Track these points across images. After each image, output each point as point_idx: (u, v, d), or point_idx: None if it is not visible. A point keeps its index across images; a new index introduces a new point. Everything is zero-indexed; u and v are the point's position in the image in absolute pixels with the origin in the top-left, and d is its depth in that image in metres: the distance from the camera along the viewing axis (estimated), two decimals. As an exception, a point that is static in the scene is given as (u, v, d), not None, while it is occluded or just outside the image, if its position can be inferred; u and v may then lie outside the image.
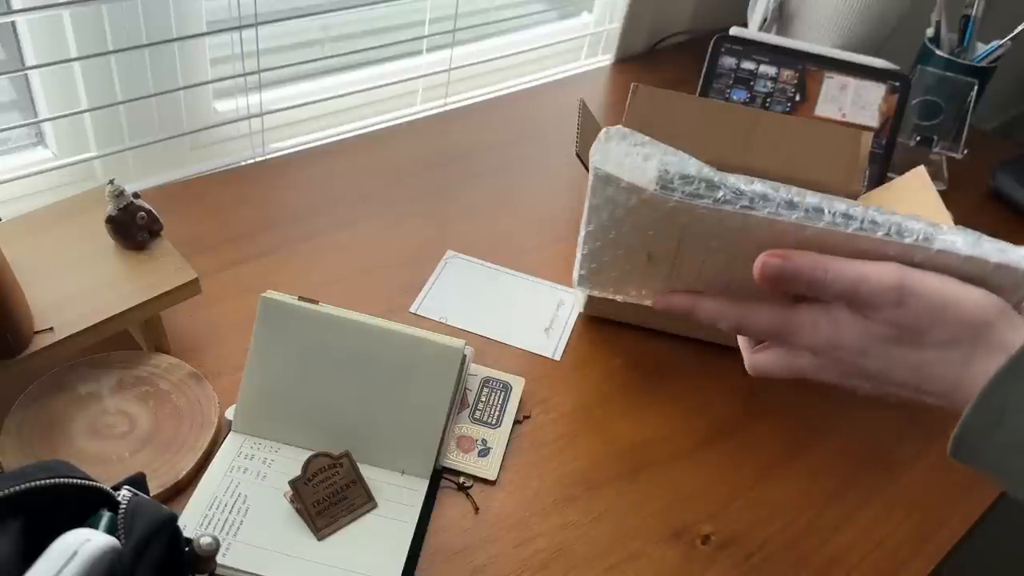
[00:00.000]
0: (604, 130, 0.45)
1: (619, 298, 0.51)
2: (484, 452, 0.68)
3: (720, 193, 0.43)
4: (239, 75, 0.94)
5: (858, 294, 0.42)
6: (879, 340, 0.43)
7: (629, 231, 0.46)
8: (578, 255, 0.49)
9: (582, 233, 0.48)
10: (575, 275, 0.50)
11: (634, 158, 0.44)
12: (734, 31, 1.09)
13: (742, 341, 0.51)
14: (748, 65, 1.06)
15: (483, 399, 0.72)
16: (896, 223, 0.42)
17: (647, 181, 0.44)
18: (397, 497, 0.63)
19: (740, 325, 0.47)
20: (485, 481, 0.67)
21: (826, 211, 0.43)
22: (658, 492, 0.69)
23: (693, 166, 0.44)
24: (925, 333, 0.42)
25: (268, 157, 0.99)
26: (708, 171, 0.44)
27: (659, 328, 0.82)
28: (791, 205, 0.43)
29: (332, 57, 1.06)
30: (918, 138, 1.13)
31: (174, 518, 0.42)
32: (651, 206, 0.45)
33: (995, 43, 1.13)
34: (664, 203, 0.44)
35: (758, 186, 0.43)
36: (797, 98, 1.03)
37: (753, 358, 0.49)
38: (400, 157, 1.01)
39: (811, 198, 0.43)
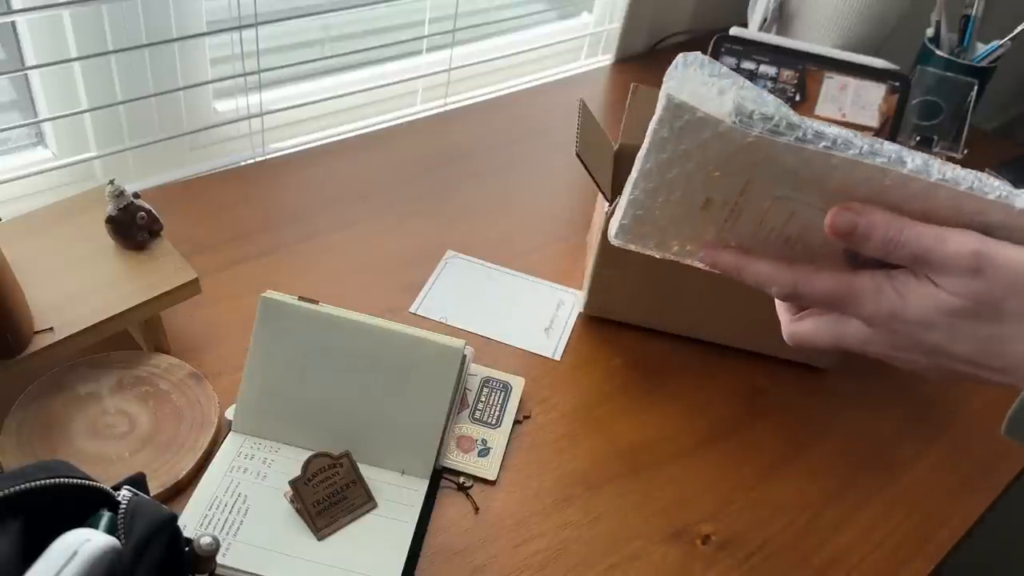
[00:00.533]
0: (681, 55, 0.42)
1: (658, 254, 0.47)
2: (484, 452, 0.68)
3: (801, 132, 0.40)
4: (239, 75, 0.94)
5: (931, 258, 0.40)
6: (948, 312, 0.41)
7: (693, 170, 0.43)
8: (623, 201, 0.45)
9: (634, 174, 0.44)
10: (614, 226, 0.46)
11: (710, 88, 0.41)
12: (734, 31, 1.09)
13: (782, 308, 0.48)
14: (748, 65, 1.06)
15: (483, 399, 0.72)
16: (978, 179, 0.40)
17: (724, 113, 0.41)
18: (397, 497, 0.63)
19: (795, 290, 0.44)
20: (485, 481, 0.67)
21: (908, 161, 0.41)
22: (658, 492, 0.69)
23: (771, 104, 0.41)
24: (1000, 305, 0.40)
25: (268, 157, 0.99)
26: (787, 110, 0.41)
27: (659, 328, 0.82)
28: (873, 152, 0.40)
29: (332, 57, 1.06)
30: (918, 138, 1.13)
31: (174, 518, 0.42)
32: (726, 140, 0.41)
33: (995, 43, 1.13)
34: (742, 137, 0.41)
35: (839, 130, 0.41)
36: (797, 98, 1.03)
37: (795, 327, 0.46)
38: (400, 157, 1.01)
39: (891, 146, 0.41)
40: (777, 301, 0.48)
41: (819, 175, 0.41)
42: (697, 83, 0.41)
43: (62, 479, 0.41)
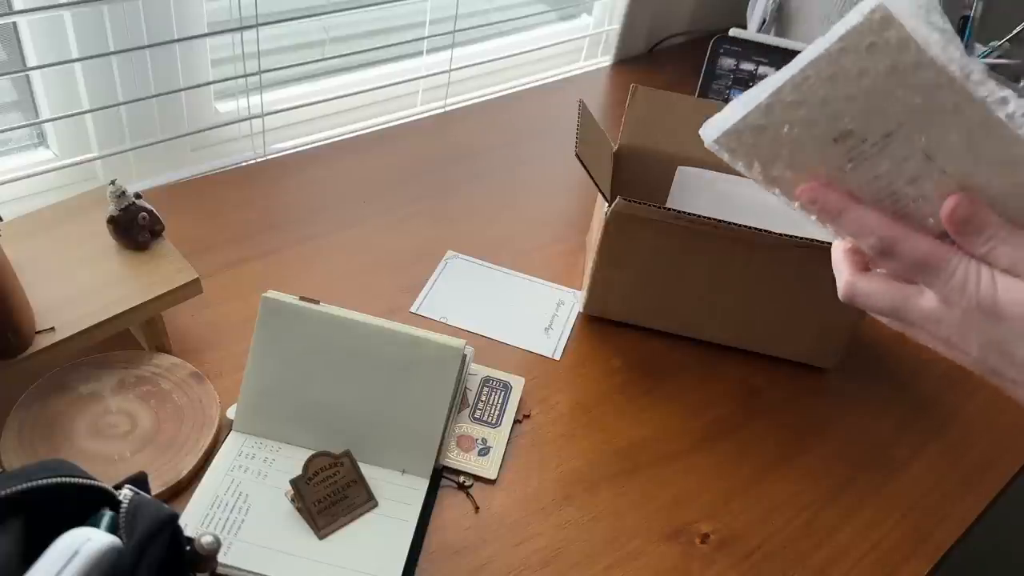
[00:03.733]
0: None
1: (753, 173, 0.43)
2: (484, 451, 0.69)
3: (991, 92, 0.37)
4: (240, 76, 0.94)
5: None
6: None
7: (860, 93, 0.38)
8: (744, 104, 0.41)
9: (781, 80, 0.39)
10: (721, 128, 0.42)
11: (921, 27, 0.37)
12: (733, 32, 1.09)
13: (843, 261, 0.46)
14: (747, 66, 1.06)
15: (483, 398, 0.73)
16: None
17: (931, 42, 0.37)
18: (398, 496, 0.64)
19: (893, 245, 0.42)
20: (485, 480, 0.67)
21: None
22: (657, 491, 0.69)
23: (959, 51, 0.37)
24: None
25: (269, 158, 1.00)
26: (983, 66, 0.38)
27: (658, 328, 0.82)
28: None
29: (333, 58, 1.06)
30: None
31: (175, 517, 0.42)
32: (918, 72, 0.37)
33: (993, 44, 1.13)
34: (937, 76, 0.37)
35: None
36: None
37: (857, 281, 0.45)
38: (401, 158, 1.02)
39: None
40: (838, 252, 0.47)
41: (977, 143, 0.38)
42: (908, 11, 0.37)
43: (63, 478, 0.41)
